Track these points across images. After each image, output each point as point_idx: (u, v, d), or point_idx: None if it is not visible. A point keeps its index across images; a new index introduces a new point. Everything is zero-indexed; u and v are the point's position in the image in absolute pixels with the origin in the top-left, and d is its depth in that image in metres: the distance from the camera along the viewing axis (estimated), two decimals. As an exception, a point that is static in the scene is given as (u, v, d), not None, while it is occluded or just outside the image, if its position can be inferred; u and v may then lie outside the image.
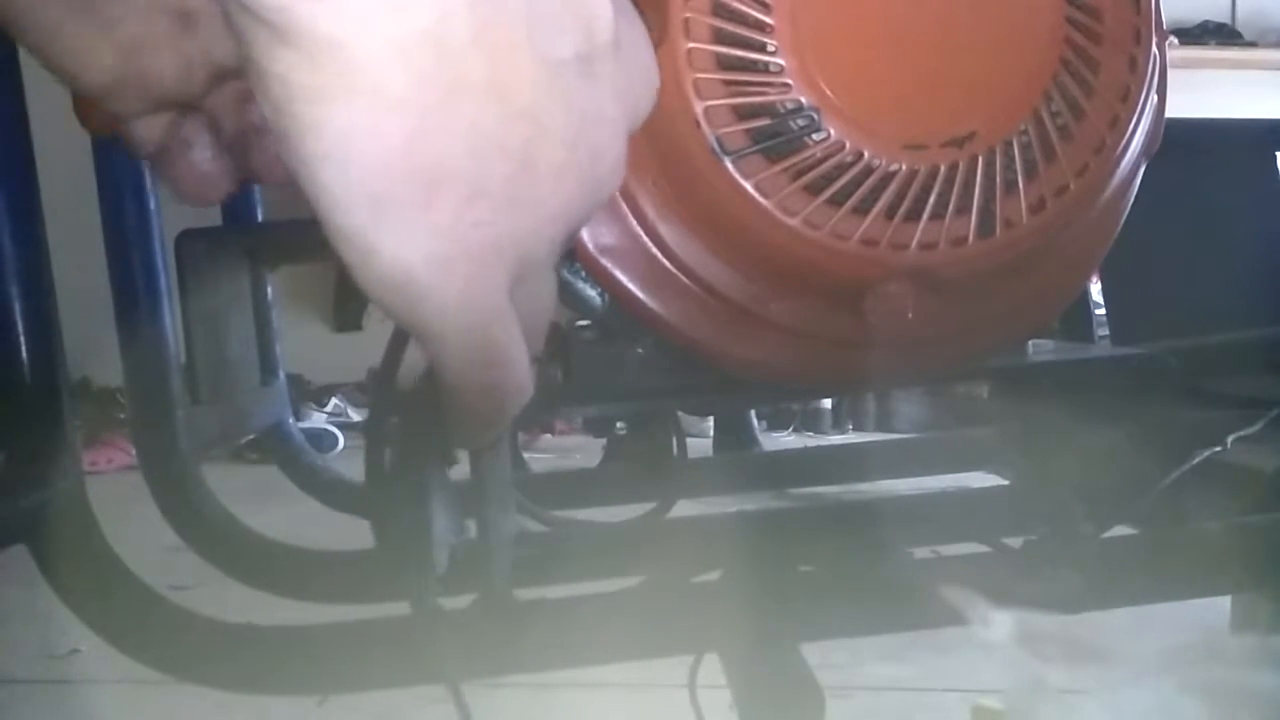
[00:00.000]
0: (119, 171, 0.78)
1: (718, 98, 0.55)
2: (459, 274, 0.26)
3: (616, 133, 0.29)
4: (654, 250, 0.61)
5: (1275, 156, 1.15)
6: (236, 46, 0.24)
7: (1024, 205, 0.56)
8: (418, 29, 0.23)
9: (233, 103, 0.40)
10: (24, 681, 1.48)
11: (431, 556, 0.42)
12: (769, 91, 0.55)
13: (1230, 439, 0.69)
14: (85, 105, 0.69)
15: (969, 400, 2.87)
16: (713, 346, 0.63)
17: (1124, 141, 0.57)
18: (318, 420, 3.42)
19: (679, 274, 0.62)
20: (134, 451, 0.83)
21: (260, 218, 1.01)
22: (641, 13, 0.31)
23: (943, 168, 0.56)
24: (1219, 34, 4.01)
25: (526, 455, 2.87)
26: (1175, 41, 3.61)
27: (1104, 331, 1.04)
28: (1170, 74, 0.61)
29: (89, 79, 0.37)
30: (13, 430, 0.61)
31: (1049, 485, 0.75)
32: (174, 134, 0.40)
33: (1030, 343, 0.76)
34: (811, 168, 0.55)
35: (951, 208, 0.56)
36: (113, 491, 0.85)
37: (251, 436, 1.00)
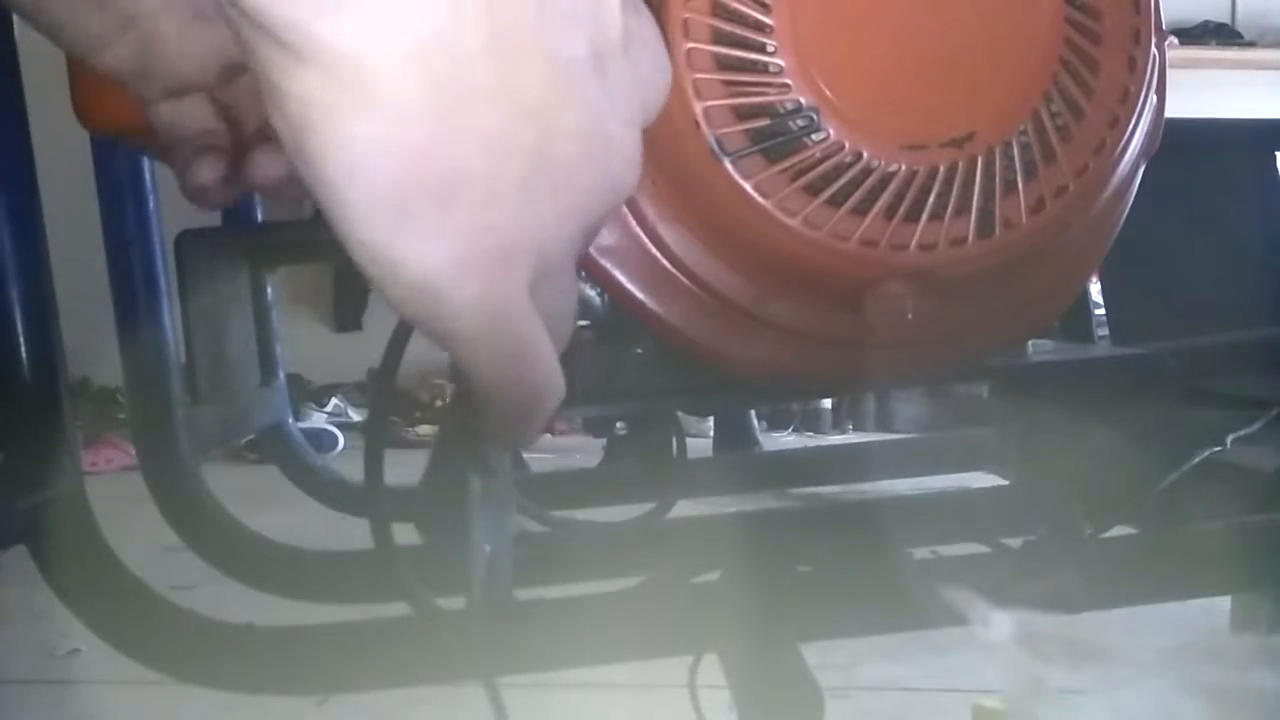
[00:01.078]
0: (119, 171, 0.78)
1: (717, 98, 0.55)
2: (480, 276, 0.26)
3: (630, 127, 0.29)
4: (653, 251, 0.61)
5: (1275, 156, 1.15)
6: (252, 67, 0.24)
7: (1023, 205, 0.56)
8: (432, 37, 0.23)
9: (249, 96, 0.40)
10: (24, 681, 1.48)
11: (472, 562, 0.43)
12: (768, 92, 0.55)
13: (1230, 439, 0.69)
14: (86, 105, 0.69)
15: (969, 400, 2.88)
16: (712, 347, 0.63)
17: (1123, 142, 0.57)
18: (318, 420, 3.42)
19: (678, 274, 0.62)
20: (134, 451, 0.83)
21: (260, 218, 1.01)
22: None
23: (942, 168, 0.56)
24: (1219, 34, 4.01)
25: (526, 455, 2.87)
26: (1175, 41, 3.61)
27: (1104, 331, 1.04)
28: (1170, 74, 0.61)
29: (106, 65, 0.38)
30: (12, 430, 0.61)
31: (1049, 485, 0.75)
32: (194, 141, 0.40)
33: (1030, 343, 0.76)
34: (811, 168, 0.55)
35: (951, 208, 0.56)
36: (113, 491, 0.85)
37: (251, 436, 1.00)
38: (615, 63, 0.28)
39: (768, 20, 0.54)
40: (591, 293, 0.66)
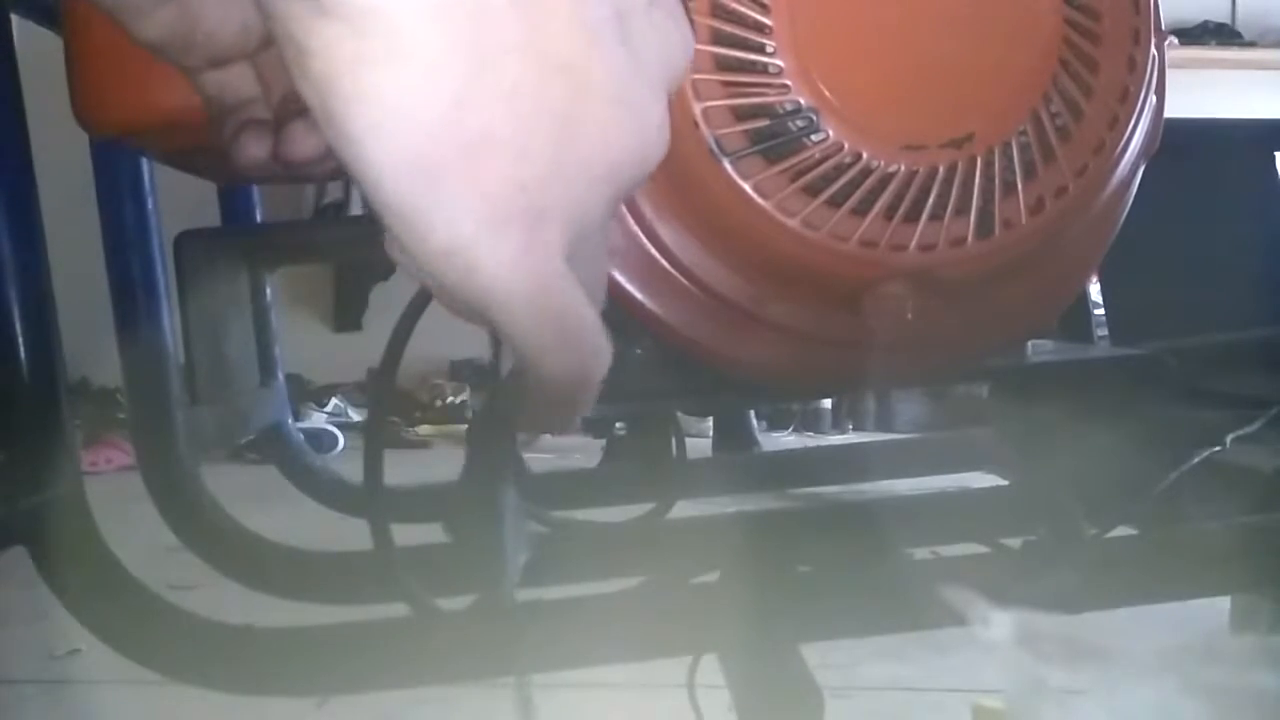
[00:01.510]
0: (118, 172, 0.78)
1: (716, 99, 0.55)
2: (513, 239, 0.25)
3: (657, 91, 0.28)
4: (652, 251, 0.61)
5: (1275, 156, 1.15)
6: (272, 29, 0.24)
7: (1023, 206, 0.56)
8: None
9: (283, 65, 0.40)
10: (24, 681, 1.48)
11: (505, 563, 0.43)
12: (767, 92, 0.55)
13: (1230, 439, 0.69)
14: (86, 106, 0.69)
15: (969, 400, 2.87)
16: (711, 347, 0.63)
17: (1123, 142, 0.57)
18: (318, 420, 3.42)
19: (677, 275, 0.62)
20: (133, 451, 0.83)
21: (259, 218, 1.01)
22: None
23: (941, 168, 0.56)
24: (1219, 34, 4.01)
25: (526, 455, 2.86)
26: (1175, 41, 3.61)
27: (1104, 331, 1.04)
28: (1170, 74, 0.61)
29: (145, 35, 0.37)
30: (12, 430, 0.61)
31: (1049, 485, 0.75)
32: (239, 112, 0.40)
33: (1030, 343, 0.76)
34: (810, 169, 0.55)
35: (950, 208, 0.56)
36: (112, 491, 0.85)
37: (251, 437, 1.00)
38: (639, 24, 0.27)
39: (767, 21, 0.54)
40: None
